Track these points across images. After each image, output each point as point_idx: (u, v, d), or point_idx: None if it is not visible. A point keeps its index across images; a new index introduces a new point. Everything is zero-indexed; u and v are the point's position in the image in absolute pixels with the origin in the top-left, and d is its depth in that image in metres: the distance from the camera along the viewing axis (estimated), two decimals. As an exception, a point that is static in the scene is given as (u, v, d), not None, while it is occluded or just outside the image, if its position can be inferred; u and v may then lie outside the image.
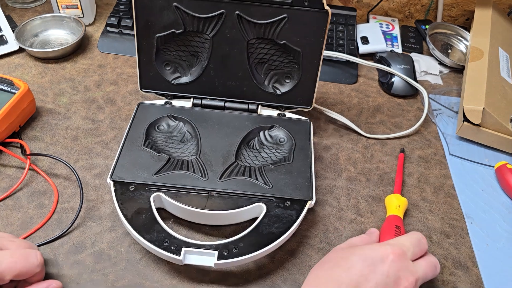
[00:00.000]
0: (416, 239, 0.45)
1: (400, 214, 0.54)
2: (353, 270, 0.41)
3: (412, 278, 0.42)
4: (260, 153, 0.57)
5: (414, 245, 0.44)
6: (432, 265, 0.45)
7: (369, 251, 0.43)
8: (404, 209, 0.55)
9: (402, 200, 0.55)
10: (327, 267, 0.43)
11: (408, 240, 0.45)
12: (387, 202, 0.56)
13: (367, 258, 0.42)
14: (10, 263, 0.41)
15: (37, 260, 0.43)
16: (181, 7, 0.55)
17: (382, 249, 0.43)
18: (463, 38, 0.85)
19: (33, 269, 0.42)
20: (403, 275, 0.41)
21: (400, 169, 0.61)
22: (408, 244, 0.44)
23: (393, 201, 0.55)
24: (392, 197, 0.56)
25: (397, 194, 0.56)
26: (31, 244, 0.45)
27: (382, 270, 0.41)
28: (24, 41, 0.74)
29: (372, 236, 0.50)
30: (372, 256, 0.42)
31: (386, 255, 0.42)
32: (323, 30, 0.56)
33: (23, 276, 0.42)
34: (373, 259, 0.42)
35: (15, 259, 0.41)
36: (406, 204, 0.56)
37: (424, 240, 0.46)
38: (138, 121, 0.58)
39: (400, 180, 0.59)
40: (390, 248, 0.43)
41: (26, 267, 0.42)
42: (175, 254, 0.45)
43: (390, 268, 0.41)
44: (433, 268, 0.45)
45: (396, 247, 0.43)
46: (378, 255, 0.42)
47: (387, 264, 0.41)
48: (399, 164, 0.61)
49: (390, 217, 0.53)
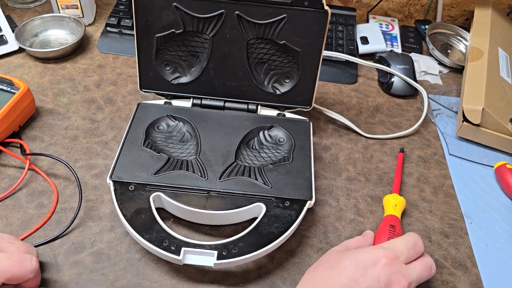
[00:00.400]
0: (411, 242, 0.45)
1: (397, 214, 0.54)
2: (345, 273, 0.41)
3: (404, 282, 0.41)
4: (259, 153, 0.57)
5: (409, 248, 0.44)
6: (427, 266, 0.44)
7: (362, 255, 0.43)
8: (401, 208, 0.55)
9: (399, 200, 0.55)
10: (321, 269, 0.43)
11: (403, 243, 0.44)
12: (384, 202, 0.56)
13: (358, 261, 0.42)
14: (5, 266, 0.40)
15: (31, 265, 0.42)
16: (181, 7, 0.55)
17: (375, 252, 0.43)
18: (463, 38, 0.85)
19: (27, 274, 0.42)
20: (395, 279, 0.41)
21: (399, 169, 0.61)
22: (402, 247, 0.44)
23: (390, 201, 0.55)
24: (389, 197, 0.56)
25: (394, 194, 0.56)
26: (30, 247, 0.45)
27: (373, 274, 0.41)
28: (24, 41, 0.74)
29: (367, 238, 0.49)
30: (364, 260, 0.42)
31: (378, 259, 0.42)
32: (322, 30, 0.56)
33: (16, 281, 0.42)
34: (365, 262, 0.42)
35: (11, 262, 0.41)
36: (404, 204, 0.56)
37: (420, 242, 0.45)
38: (138, 121, 0.58)
39: (398, 180, 0.59)
40: (383, 252, 0.42)
41: (20, 271, 0.41)
42: (174, 254, 0.45)
43: (381, 272, 0.41)
44: (428, 269, 0.44)
45: (389, 251, 0.43)
46: (370, 259, 0.42)
47: (378, 268, 0.41)
48: (398, 164, 0.61)
49: (387, 217, 0.53)
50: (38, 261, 0.44)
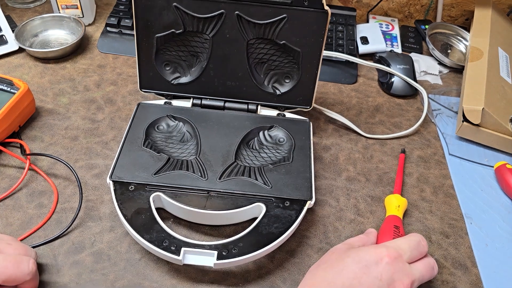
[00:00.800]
0: (415, 242, 0.45)
1: (400, 215, 0.54)
2: (346, 272, 0.41)
3: (407, 280, 0.41)
4: (259, 153, 0.57)
5: (412, 248, 0.44)
6: (429, 266, 0.44)
7: (364, 254, 0.42)
8: (403, 209, 0.55)
9: (402, 201, 0.55)
10: (323, 267, 0.43)
11: (407, 243, 0.44)
12: (386, 202, 0.56)
13: (361, 260, 0.42)
14: (0, 267, 0.40)
15: (28, 268, 0.42)
16: (181, 7, 0.55)
17: (378, 251, 0.42)
18: (463, 38, 0.85)
19: (23, 276, 0.41)
20: (397, 277, 0.41)
21: (401, 169, 0.61)
22: (405, 246, 0.44)
23: (393, 202, 0.55)
24: (392, 197, 0.56)
25: (397, 195, 0.56)
26: (28, 249, 0.44)
27: (376, 272, 0.41)
28: (24, 41, 0.74)
29: (370, 236, 0.49)
30: (367, 259, 0.42)
31: (381, 257, 0.42)
32: (322, 30, 0.56)
33: (13, 283, 0.41)
34: (367, 261, 0.41)
35: (7, 263, 0.41)
36: (406, 205, 0.56)
37: (424, 242, 0.45)
38: (138, 121, 0.58)
39: (400, 181, 0.59)
40: (386, 251, 0.42)
41: (16, 273, 0.41)
42: (174, 254, 0.45)
43: (384, 270, 0.41)
44: (430, 269, 0.44)
45: (391, 250, 0.43)
46: (372, 258, 0.42)
47: (381, 266, 0.41)
48: (400, 165, 0.61)
49: (390, 217, 0.53)
50: (36, 263, 0.44)
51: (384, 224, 0.52)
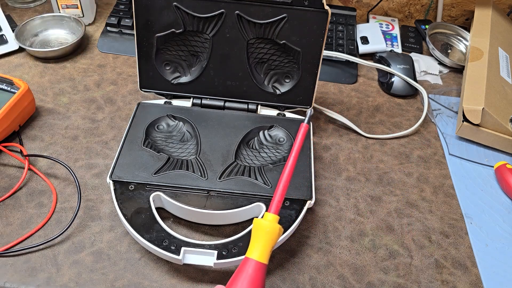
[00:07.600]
0: None
1: (265, 259, 0.33)
2: None
3: None
4: (259, 153, 0.57)
5: None
6: None
7: None
8: (273, 243, 0.35)
9: (273, 228, 0.34)
10: None
11: None
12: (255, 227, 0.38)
13: None
14: None
15: None
16: (181, 6, 0.55)
17: None
18: (463, 38, 0.85)
19: None
20: None
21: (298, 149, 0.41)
22: None
23: (263, 229, 0.35)
24: (261, 221, 0.37)
25: (271, 214, 0.36)
26: None
27: None
28: (24, 41, 0.74)
29: None
30: None
31: None
32: (322, 30, 0.56)
33: None
34: None
35: None
36: (279, 234, 0.38)
37: None
38: (138, 120, 0.58)
39: (285, 185, 0.39)
40: None
41: None
42: (174, 254, 0.45)
43: None
44: None
45: None
46: None
47: None
48: (300, 141, 0.41)
49: (248, 262, 0.34)
50: None
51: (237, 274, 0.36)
